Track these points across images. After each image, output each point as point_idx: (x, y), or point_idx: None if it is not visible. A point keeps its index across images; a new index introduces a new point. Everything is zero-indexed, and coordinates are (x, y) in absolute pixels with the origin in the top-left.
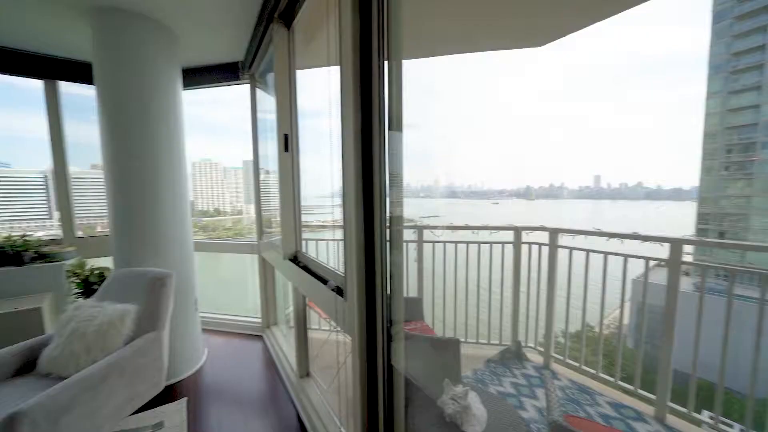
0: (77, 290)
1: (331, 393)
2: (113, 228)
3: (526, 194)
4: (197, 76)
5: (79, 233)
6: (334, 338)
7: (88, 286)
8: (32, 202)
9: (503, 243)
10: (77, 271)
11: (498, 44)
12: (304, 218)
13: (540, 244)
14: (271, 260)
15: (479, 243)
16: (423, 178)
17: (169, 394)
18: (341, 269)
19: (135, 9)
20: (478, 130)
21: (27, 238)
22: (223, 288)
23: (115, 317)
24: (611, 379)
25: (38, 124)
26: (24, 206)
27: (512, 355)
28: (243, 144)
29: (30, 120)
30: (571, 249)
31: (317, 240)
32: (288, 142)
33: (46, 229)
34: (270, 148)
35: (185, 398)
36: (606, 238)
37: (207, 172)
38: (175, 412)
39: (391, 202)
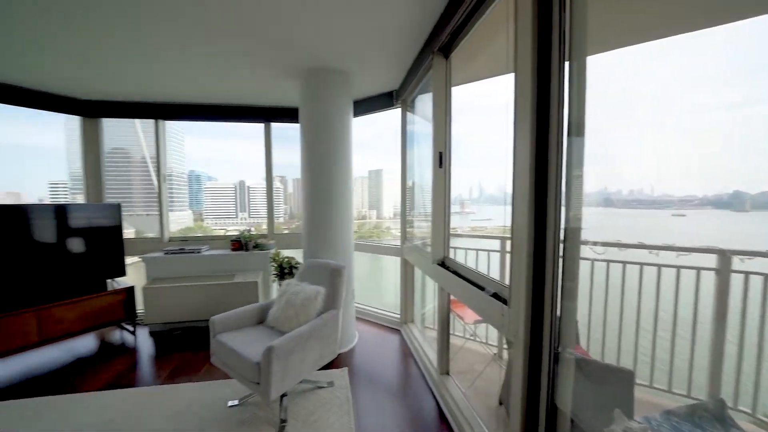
0: (274, 272)
1: (472, 395)
2: (305, 228)
3: (733, 203)
4: (363, 105)
5: (249, 230)
6: (468, 345)
7: (281, 270)
8: (228, 205)
9: (699, 269)
10: (276, 258)
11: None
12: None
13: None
14: (415, 263)
15: (659, 266)
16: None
17: (333, 363)
18: (489, 276)
19: (329, 66)
20: (646, 120)
21: (251, 232)
22: (366, 283)
23: (312, 295)
24: None
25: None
26: (224, 207)
27: (709, 415)
28: (366, 156)
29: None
30: None
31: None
32: (442, 159)
33: (236, 225)
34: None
35: (346, 368)
36: None
37: None
38: (341, 376)
39: (567, 215)
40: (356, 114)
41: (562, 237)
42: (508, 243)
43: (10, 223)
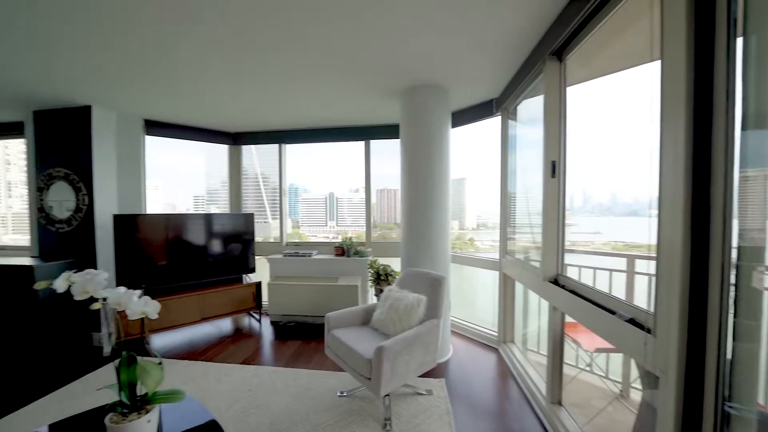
0: (371, 278)
1: None
2: (404, 237)
3: None
4: (461, 116)
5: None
6: (583, 377)
7: (378, 276)
8: (319, 214)
9: None
10: (372, 265)
11: None
12: (511, 236)
13: None
14: (518, 279)
15: None
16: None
17: (431, 372)
18: (618, 297)
19: (428, 83)
20: None
21: (352, 240)
22: (456, 296)
23: (414, 302)
24: None
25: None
26: (316, 216)
27: None
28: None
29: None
30: None
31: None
32: (555, 168)
33: (325, 233)
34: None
35: (443, 379)
36: None
37: None
38: (439, 386)
39: (740, 230)
40: (455, 125)
41: (734, 258)
42: (638, 262)
43: (175, 226)
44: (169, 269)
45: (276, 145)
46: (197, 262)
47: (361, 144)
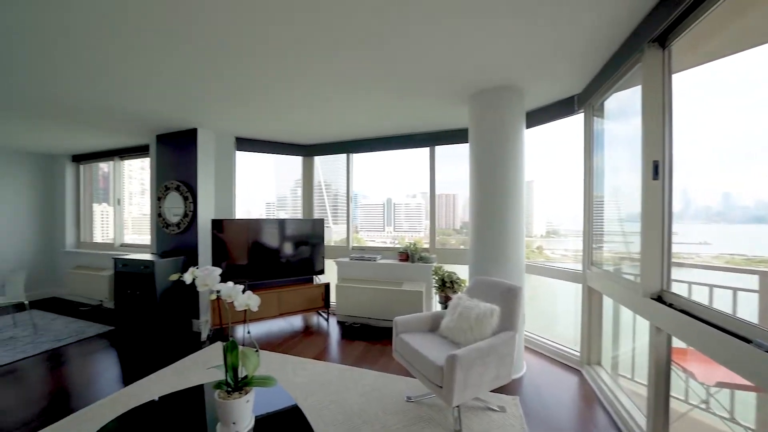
0: (436, 284)
1: None
2: (473, 244)
3: None
4: (536, 116)
5: (390, 245)
6: (695, 414)
7: (443, 283)
8: (377, 220)
9: None
10: (437, 272)
11: None
12: (596, 245)
13: None
14: (608, 293)
15: None
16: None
17: (503, 388)
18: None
19: (502, 85)
20: None
21: (415, 245)
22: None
23: (486, 312)
24: None
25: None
26: (374, 221)
27: None
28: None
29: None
30: None
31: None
32: (657, 169)
33: (382, 238)
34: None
35: (517, 396)
36: None
37: None
38: (512, 404)
39: None
40: (529, 125)
41: None
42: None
43: (257, 229)
44: (251, 267)
45: (339, 155)
46: (274, 262)
47: (419, 150)
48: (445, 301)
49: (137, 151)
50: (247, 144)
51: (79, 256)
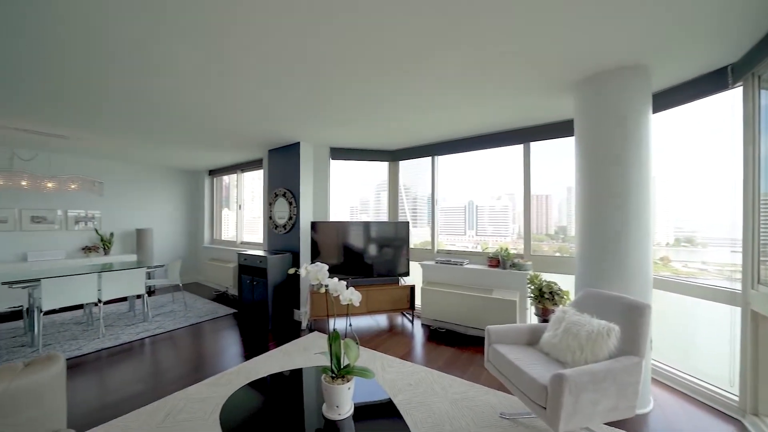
0: (532, 295)
1: None
2: (580, 251)
3: None
4: (668, 97)
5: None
6: None
7: (540, 293)
8: (457, 223)
9: None
10: (534, 281)
11: None
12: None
13: None
14: None
15: None
16: None
17: (623, 423)
18: None
19: (620, 65)
20: None
21: (509, 251)
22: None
23: (601, 330)
24: None
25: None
26: (454, 224)
27: None
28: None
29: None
30: None
31: None
32: None
33: (463, 242)
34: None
35: None
36: None
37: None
38: None
39: None
40: (657, 109)
41: None
42: None
43: (348, 231)
44: (343, 266)
45: (419, 159)
46: (362, 262)
47: (504, 149)
48: (542, 314)
49: (253, 165)
50: (339, 153)
51: (212, 251)
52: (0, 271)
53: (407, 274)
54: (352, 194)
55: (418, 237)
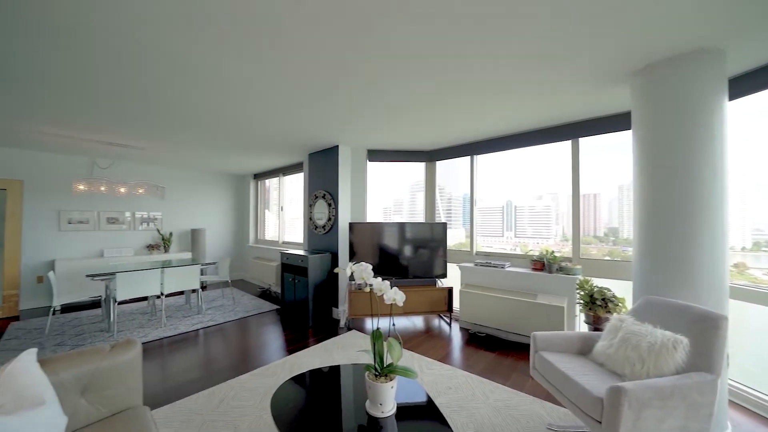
0: (582, 301)
1: None
2: (638, 255)
3: None
4: (747, 82)
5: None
6: None
7: (592, 300)
8: (495, 224)
9: None
10: (584, 286)
11: None
12: None
13: None
14: None
15: None
16: None
17: None
18: None
19: (683, 50)
20: None
21: (555, 254)
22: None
23: (666, 342)
24: None
25: (514, 171)
26: (491, 226)
27: None
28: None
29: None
30: None
31: None
32: None
33: (501, 244)
34: None
35: None
36: None
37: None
38: None
39: None
40: (734, 96)
41: None
42: None
43: (385, 232)
44: (379, 266)
45: (456, 158)
46: (399, 262)
47: (546, 146)
48: (593, 322)
49: (294, 168)
50: (376, 155)
51: (257, 250)
52: (84, 266)
53: (444, 275)
54: (385, 195)
55: (452, 238)
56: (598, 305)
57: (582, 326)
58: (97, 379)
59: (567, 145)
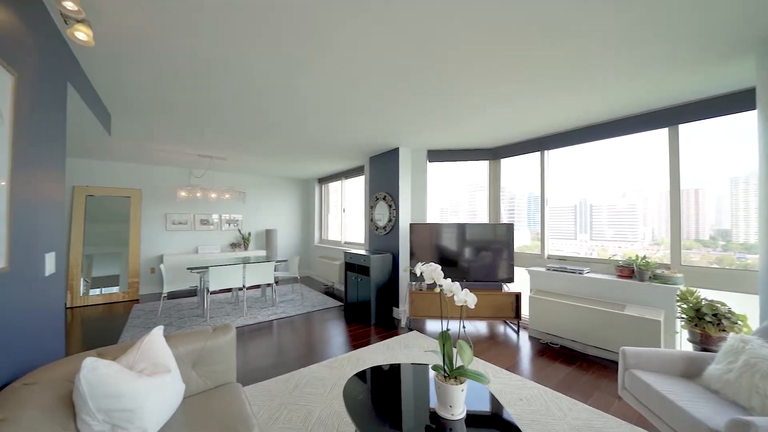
0: (685, 315)
1: None
2: (765, 262)
3: None
4: None
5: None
6: None
7: (698, 314)
8: (567, 225)
9: None
10: (687, 298)
11: None
12: None
13: None
14: None
15: None
16: None
17: None
18: None
19: None
20: None
21: (647, 260)
22: None
23: None
24: None
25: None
26: (561, 227)
27: None
28: None
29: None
30: None
31: None
32: None
33: (573, 247)
34: None
35: None
36: None
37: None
38: None
39: None
40: None
41: None
42: None
43: (448, 233)
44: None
45: (524, 155)
46: (459, 264)
47: (631, 137)
48: (701, 341)
49: (355, 172)
50: (437, 155)
51: (321, 249)
52: (184, 260)
53: (511, 280)
54: (443, 196)
55: (517, 240)
56: (707, 321)
57: (684, 344)
58: (205, 356)
59: (660, 134)
